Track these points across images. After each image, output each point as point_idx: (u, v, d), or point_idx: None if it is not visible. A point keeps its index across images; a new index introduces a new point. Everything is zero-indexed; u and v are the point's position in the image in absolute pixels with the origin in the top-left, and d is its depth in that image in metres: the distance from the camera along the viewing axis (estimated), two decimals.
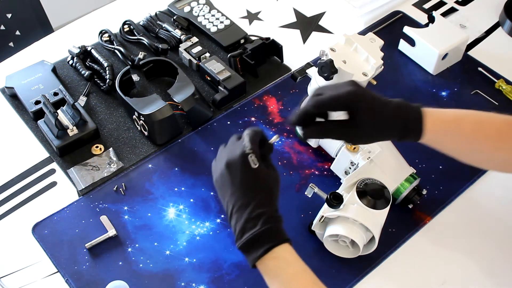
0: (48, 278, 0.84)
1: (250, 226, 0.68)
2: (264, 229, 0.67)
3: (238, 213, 0.69)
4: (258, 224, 0.68)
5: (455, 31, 1.12)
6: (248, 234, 0.67)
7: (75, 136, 0.97)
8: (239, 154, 0.70)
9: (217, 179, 0.73)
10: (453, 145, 0.75)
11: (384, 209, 0.81)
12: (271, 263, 0.68)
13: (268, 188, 0.71)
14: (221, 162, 0.72)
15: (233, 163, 0.71)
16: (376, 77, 0.88)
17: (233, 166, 0.70)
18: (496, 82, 1.10)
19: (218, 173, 0.73)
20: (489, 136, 0.75)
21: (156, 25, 1.17)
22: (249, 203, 0.69)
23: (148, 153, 0.99)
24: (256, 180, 0.70)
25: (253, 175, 0.70)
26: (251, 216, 0.68)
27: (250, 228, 0.68)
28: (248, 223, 0.68)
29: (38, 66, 1.08)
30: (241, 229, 0.68)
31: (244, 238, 0.68)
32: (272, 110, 1.06)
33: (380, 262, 0.86)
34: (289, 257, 0.68)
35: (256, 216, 0.68)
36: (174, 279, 0.83)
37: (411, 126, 0.72)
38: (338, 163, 0.92)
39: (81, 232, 0.88)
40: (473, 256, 0.87)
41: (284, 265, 0.68)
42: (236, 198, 0.69)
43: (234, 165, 0.70)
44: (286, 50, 1.14)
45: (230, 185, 0.70)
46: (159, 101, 0.98)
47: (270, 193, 0.71)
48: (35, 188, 0.94)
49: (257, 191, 0.70)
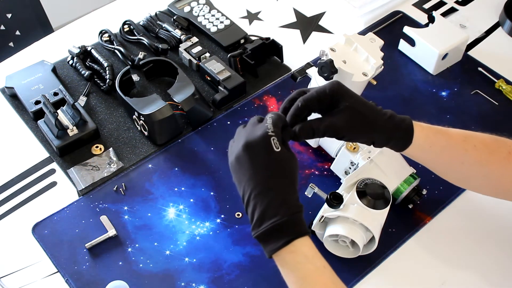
0: (48, 278, 0.84)
1: (270, 214, 0.63)
2: (285, 219, 0.63)
3: (257, 199, 0.64)
4: (279, 212, 0.63)
5: (455, 31, 1.12)
6: (268, 223, 0.63)
7: (75, 136, 0.97)
8: (260, 135, 0.65)
9: (234, 161, 0.67)
10: (440, 154, 0.75)
11: (384, 209, 0.81)
12: (289, 257, 0.64)
13: (290, 174, 0.66)
14: (240, 142, 0.66)
15: (253, 144, 0.65)
16: (376, 77, 0.88)
17: (253, 148, 0.65)
18: (496, 82, 1.10)
19: (235, 154, 0.67)
20: (478, 148, 0.75)
21: (156, 25, 1.17)
22: (270, 189, 0.64)
23: (148, 153, 0.99)
24: (278, 164, 0.65)
25: (275, 159, 0.65)
26: (272, 204, 0.63)
27: (270, 217, 0.63)
28: (268, 211, 0.63)
29: (38, 66, 1.08)
30: (259, 217, 0.63)
31: (263, 227, 0.63)
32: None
33: (380, 262, 0.86)
34: (308, 252, 0.64)
35: (278, 204, 0.63)
36: (174, 279, 0.83)
37: (402, 126, 0.71)
38: (338, 163, 0.92)
39: (81, 232, 0.88)
40: (473, 256, 0.87)
41: (303, 260, 0.64)
42: (255, 183, 0.64)
43: (255, 147, 0.65)
44: (286, 50, 1.14)
45: (249, 168, 0.65)
46: (159, 101, 0.98)
47: (292, 179, 0.66)
48: (35, 188, 0.94)
49: (279, 177, 0.65)
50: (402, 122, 0.71)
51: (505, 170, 0.75)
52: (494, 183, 0.77)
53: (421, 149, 0.73)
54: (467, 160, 0.75)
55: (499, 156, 0.76)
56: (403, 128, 0.71)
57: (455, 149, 0.75)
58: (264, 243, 0.64)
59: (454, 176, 0.78)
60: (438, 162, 0.76)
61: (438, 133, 0.74)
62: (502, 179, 0.76)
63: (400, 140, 0.72)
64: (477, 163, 0.75)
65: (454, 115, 1.06)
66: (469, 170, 0.76)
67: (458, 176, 0.78)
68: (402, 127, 0.71)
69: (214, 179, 0.95)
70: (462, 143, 0.75)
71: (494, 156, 0.75)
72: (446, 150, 0.75)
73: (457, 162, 0.75)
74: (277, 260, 0.65)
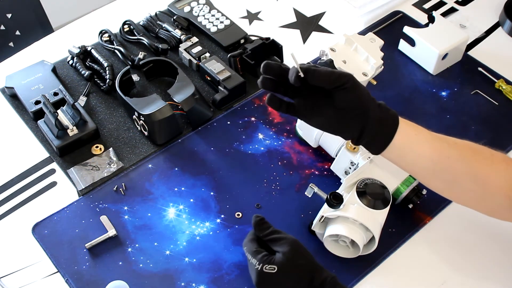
0: (48, 278, 0.84)
1: None
2: None
3: None
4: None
5: (455, 31, 1.12)
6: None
7: (75, 136, 0.97)
8: (256, 275, 0.74)
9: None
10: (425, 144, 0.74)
11: (384, 209, 0.81)
12: None
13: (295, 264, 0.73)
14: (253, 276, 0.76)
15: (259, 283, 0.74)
16: (376, 77, 0.88)
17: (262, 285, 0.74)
18: (496, 82, 1.10)
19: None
20: (460, 146, 0.75)
21: (156, 25, 1.17)
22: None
23: (148, 153, 0.99)
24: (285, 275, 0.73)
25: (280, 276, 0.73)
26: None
27: None
28: None
29: (38, 66, 1.08)
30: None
31: None
32: (272, 110, 1.06)
33: (380, 262, 0.86)
34: None
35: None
36: (174, 279, 0.83)
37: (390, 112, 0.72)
38: (338, 163, 0.92)
39: (81, 232, 0.88)
40: (473, 256, 0.87)
41: None
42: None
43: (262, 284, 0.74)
44: (286, 50, 1.14)
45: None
46: (159, 101, 0.98)
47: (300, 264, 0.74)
48: (35, 188, 0.94)
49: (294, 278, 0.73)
50: (390, 110, 0.73)
51: (490, 170, 0.74)
52: (479, 185, 0.75)
53: (407, 137, 0.73)
54: (452, 155, 0.74)
55: (483, 156, 0.75)
56: (390, 114, 0.73)
57: (440, 142, 0.74)
58: None
59: (440, 176, 0.76)
60: (423, 156, 0.74)
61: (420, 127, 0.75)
62: (487, 180, 0.74)
63: (387, 125, 0.72)
64: (462, 159, 0.74)
65: (454, 115, 1.06)
66: (455, 168, 0.74)
67: (444, 176, 0.75)
68: (389, 113, 0.73)
69: (214, 179, 0.95)
70: (445, 138, 0.75)
71: (478, 155, 0.75)
72: (430, 141, 0.74)
73: (443, 157, 0.74)
74: None
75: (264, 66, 0.71)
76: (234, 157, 0.99)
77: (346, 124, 0.72)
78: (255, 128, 1.03)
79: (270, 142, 1.01)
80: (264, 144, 1.01)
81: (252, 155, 0.99)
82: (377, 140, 0.73)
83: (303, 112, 0.74)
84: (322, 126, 0.74)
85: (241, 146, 1.00)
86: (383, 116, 0.72)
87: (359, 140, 0.73)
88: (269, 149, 1.00)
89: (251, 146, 1.00)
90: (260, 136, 1.02)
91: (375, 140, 0.73)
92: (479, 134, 1.02)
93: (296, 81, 0.69)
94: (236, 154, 0.99)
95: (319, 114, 0.73)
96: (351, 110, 0.71)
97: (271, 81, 0.73)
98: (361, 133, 0.72)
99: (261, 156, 0.99)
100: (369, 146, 0.74)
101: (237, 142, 1.01)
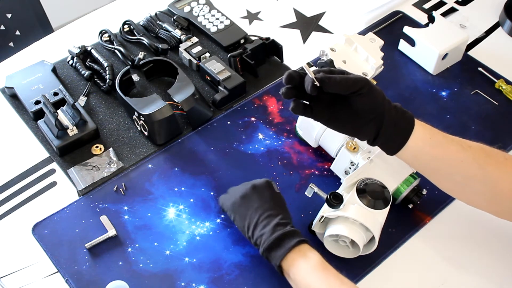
0: (48, 278, 0.84)
1: (280, 228, 0.78)
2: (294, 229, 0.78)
3: (268, 219, 0.79)
4: (287, 226, 0.78)
5: (455, 31, 1.12)
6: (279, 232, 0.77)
7: (75, 136, 0.97)
8: (264, 180, 0.84)
9: (238, 199, 0.83)
10: (439, 147, 0.75)
11: (384, 209, 0.81)
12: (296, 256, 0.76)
13: (285, 206, 0.83)
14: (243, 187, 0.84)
15: (260, 186, 0.83)
16: (376, 77, 0.88)
17: (260, 188, 0.83)
18: (496, 82, 1.10)
19: (240, 194, 0.83)
20: (475, 149, 0.76)
21: (156, 25, 1.17)
22: (278, 214, 0.80)
23: (148, 153, 0.99)
24: (280, 199, 0.83)
25: (278, 195, 0.83)
26: (280, 222, 0.78)
27: (280, 229, 0.77)
28: (278, 226, 0.78)
29: (38, 66, 1.08)
30: (271, 230, 0.77)
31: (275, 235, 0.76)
32: (272, 110, 1.06)
33: (380, 262, 0.86)
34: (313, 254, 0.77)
35: (285, 223, 0.79)
36: (174, 279, 0.83)
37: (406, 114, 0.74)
38: (338, 163, 0.92)
39: (81, 232, 0.88)
40: (473, 256, 0.87)
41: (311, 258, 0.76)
42: (264, 209, 0.80)
43: (261, 187, 0.83)
44: (286, 50, 1.14)
45: (257, 200, 0.81)
46: (159, 101, 0.98)
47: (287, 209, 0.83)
48: (35, 188, 0.94)
49: (282, 207, 0.82)
50: (406, 112, 0.75)
51: (503, 174, 0.75)
52: (491, 188, 0.76)
53: (422, 140, 0.75)
54: (465, 158, 0.75)
55: (496, 159, 0.76)
56: (406, 117, 0.75)
57: (454, 145, 0.76)
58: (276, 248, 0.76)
59: (452, 178, 0.77)
60: (437, 158, 0.76)
61: (435, 129, 0.77)
62: (498, 183, 0.75)
63: (403, 128, 0.74)
64: (475, 162, 0.75)
65: (454, 115, 1.06)
66: (468, 171, 0.75)
67: (456, 178, 0.77)
68: (405, 115, 0.75)
69: (214, 179, 0.95)
70: (459, 141, 0.77)
71: (491, 158, 0.76)
72: (445, 144, 0.75)
73: (457, 160, 0.75)
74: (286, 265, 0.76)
75: (286, 77, 0.73)
76: (234, 157, 0.99)
77: (362, 126, 0.75)
78: (255, 128, 1.03)
79: (270, 142, 1.01)
80: (264, 144, 1.01)
81: (252, 155, 0.99)
82: (393, 141, 0.75)
83: (321, 116, 0.76)
84: (339, 129, 0.77)
85: (241, 146, 1.00)
86: (398, 119, 0.74)
87: (375, 141, 0.75)
88: (269, 149, 1.00)
89: (251, 146, 1.00)
90: (260, 136, 1.02)
91: (391, 141, 0.75)
92: (479, 134, 1.02)
93: (312, 90, 0.71)
94: (236, 154, 0.99)
95: (336, 119, 0.75)
96: (366, 114, 0.73)
97: (292, 90, 0.75)
98: (377, 135, 0.74)
99: (261, 156, 0.99)
100: (384, 147, 0.76)
101: (237, 142, 1.01)
